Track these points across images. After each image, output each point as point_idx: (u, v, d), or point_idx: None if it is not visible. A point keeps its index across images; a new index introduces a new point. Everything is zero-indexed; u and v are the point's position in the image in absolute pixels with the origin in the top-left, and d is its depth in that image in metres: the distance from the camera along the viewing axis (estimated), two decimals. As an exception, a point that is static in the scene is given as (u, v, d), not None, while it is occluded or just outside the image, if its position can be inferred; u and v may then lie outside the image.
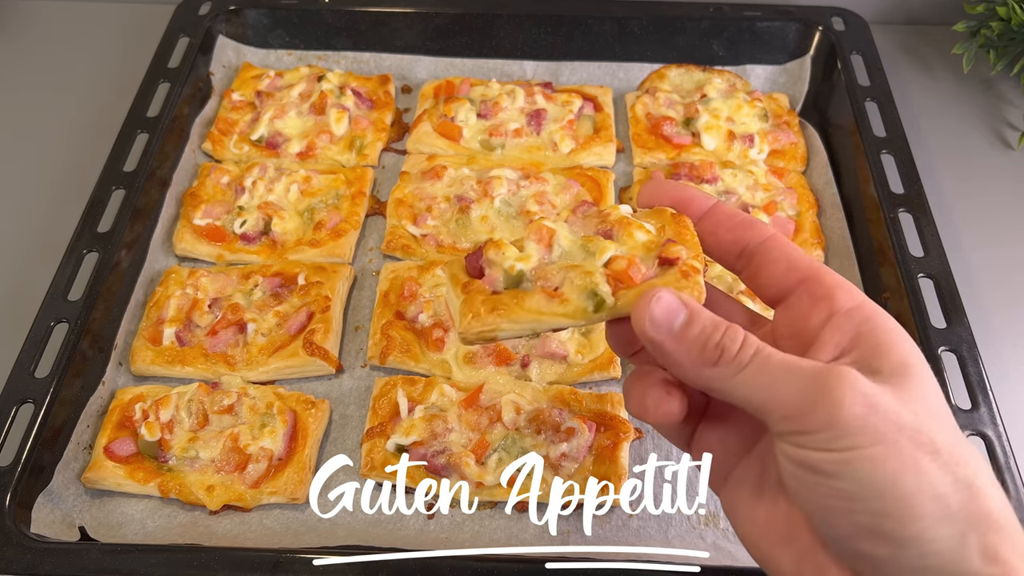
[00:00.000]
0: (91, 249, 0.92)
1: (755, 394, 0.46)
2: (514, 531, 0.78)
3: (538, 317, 0.51)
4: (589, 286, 0.51)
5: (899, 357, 0.46)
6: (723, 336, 0.47)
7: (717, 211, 0.56)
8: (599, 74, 1.20)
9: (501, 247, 0.55)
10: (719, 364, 0.47)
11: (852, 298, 0.50)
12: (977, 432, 0.77)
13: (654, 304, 0.48)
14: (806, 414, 0.44)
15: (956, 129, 1.19)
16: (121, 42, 1.31)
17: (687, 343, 0.48)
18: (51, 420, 0.80)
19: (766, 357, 0.46)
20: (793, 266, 0.52)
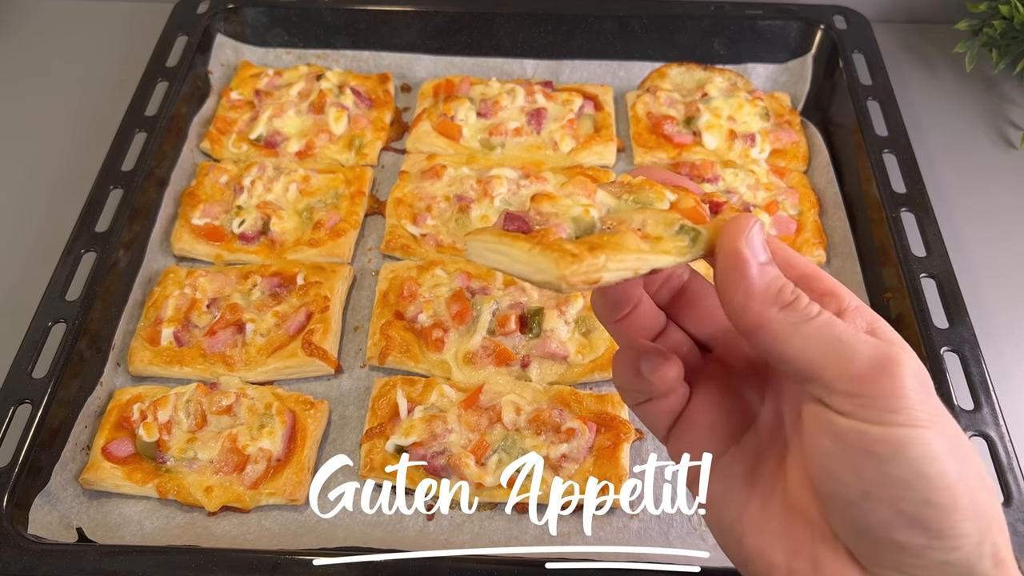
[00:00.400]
0: (89, 249, 0.92)
1: (814, 347, 0.44)
2: (514, 532, 0.78)
3: (643, 254, 0.47)
4: (676, 221, 0.49)
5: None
6: (794, 290, 0.46)
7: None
8: (600, 73, 1.20)
9: (554, 199, 0.50)
10: (790, 308, 0.45)
11: (853, 298, 0.49)
12: (980, 433, 0.77)
13: (753, 228, 0.47)
14: (873, 376, 0.42)
15: (958, 128, 1.19)
16: (119, 40, 1.31)
17: (768, 277, 0.46)
18: (49, 421, 0.80)
19: (832, 316, 0.45)
20: (789, 264, 0.51)
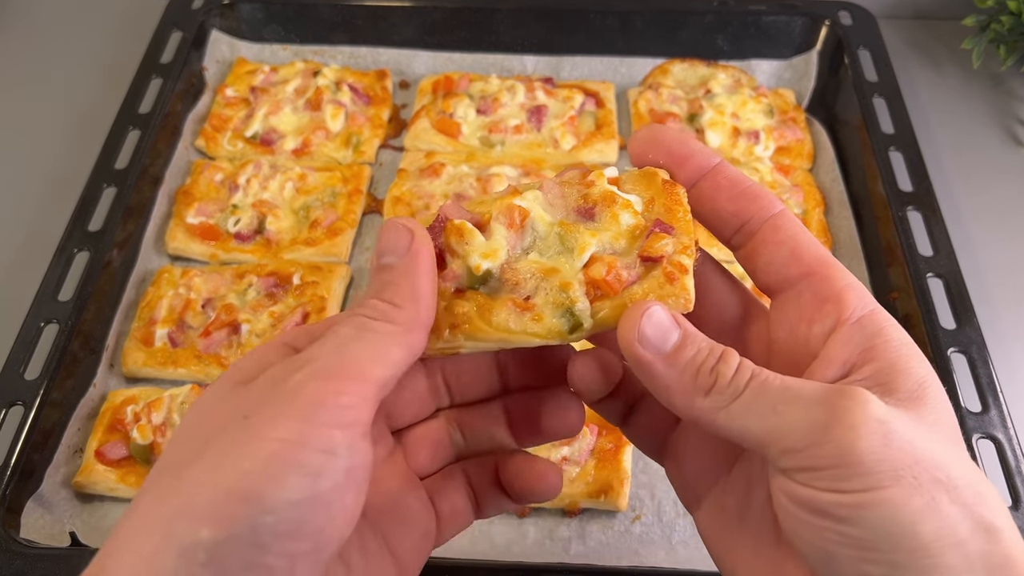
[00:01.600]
0: (82, 248, 0.92)
1: (753, 425, 0.40)
2: (514, 536, 0.78)
3: (507, 336, 0.45)
4: (565, 303, 0.45)
5: (917, 377, 0.41)
6: (718, 361, 0.42)
7: (719, 174, 0.48)
8: (601, 69, 1.20)
9: (464, 234, 0.46)
10: (712, 392, 0.41)
11: (863, 304, 0.44)
12: (987, 435, 0.77)
13: (645, 321, 0.42)
14: (813, 447, 0.38)
15: (965, 126, 1.19)
16: (112, 37, 1.31)
17: (679, 367, 0.42)
18: (41, 423, 0.80)
19: (763, 382, 0.40)
20: (798, 255, 0.46)
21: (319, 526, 0.38)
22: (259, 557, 0.36)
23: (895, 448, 0.37)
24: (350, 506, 0.39)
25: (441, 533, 0.52)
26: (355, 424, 0.39)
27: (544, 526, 0.79)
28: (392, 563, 0.48)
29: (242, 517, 0.36)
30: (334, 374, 0.39)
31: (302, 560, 0.37)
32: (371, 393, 0.40)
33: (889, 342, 0.42)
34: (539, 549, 0.77)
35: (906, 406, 0.40)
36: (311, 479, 0.37)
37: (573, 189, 0.49)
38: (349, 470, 0.38)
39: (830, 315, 0.44)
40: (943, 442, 0.39)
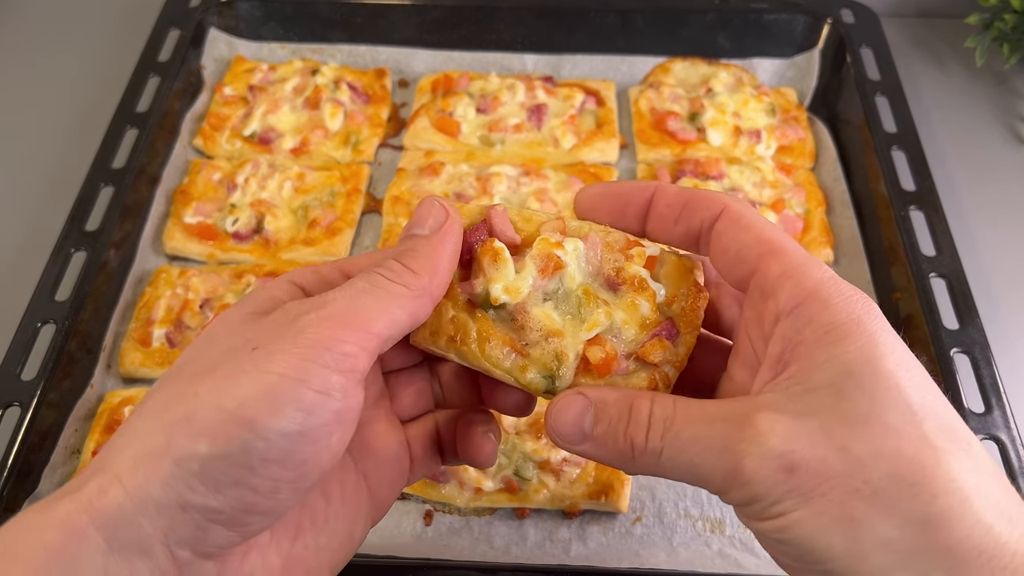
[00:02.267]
0: (79, 248, 0.92)
1: (684, 476, 0.42)
2: (514, 538, 0.79)
3: (491, 369, 0.48)
4: (552, 370, 0.48)
5: (840, 367, 0.40)
6: (628, 424, 0.43)
7: (658, 202, 0.49)
8: (602, 68, 1.20)
9: (497, 260, 0.48)
10: (635, 456, 0.43)
11: (798, 292, 0.42)
12: (991, 436, 0.77)
13: (554, 418, 0.45)
14: (729, 492, 0.41)
15: (969, 124, 1.19)
16: (109, 34, 1.31)
17: (601, 444, 0.44)
18: (38, 424, 0.80)
19: (676, 436, 0.42)
20: (741, 257, 0.45)
21: (304, 458, 0.41)
22: (247, 477, 0.39)
23: (800, 474, 0.38)
24: (335, 445, 0.42)
25: (413, 474, 0.55)
26: (352, 371, 0.41)
27: (544, 527, 0.79)
28: (367, 498, 0.51)
29: (237, 438, 0.39)
30: (342, 321, 0.42)
31: (285, 486, 0.41)
32: (372, 345, 0.42)
33: (817, 332, 0.41)
34: (539, 551, 0.78)
35: (828, 406, 0.39)
36: (304, 415, 0.40)
37: (613, 254, 0.50)
38: (340, 411, 0.41)
39: (771, 313, 0.43)
40: (863, 441, 0.38)
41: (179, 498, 0.39)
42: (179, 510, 0.39)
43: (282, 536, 0.46)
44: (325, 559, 0.48)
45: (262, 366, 0.40)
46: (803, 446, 0.39)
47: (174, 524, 0.39)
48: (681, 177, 1.03)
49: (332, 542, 0.49)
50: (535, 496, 0.79)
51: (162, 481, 0.39)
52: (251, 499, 0.40)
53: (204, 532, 0.40)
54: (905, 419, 0.39)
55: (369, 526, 0.52)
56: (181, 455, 0.39)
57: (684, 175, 1.04)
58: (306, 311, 0.42)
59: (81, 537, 0.38)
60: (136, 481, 0.39)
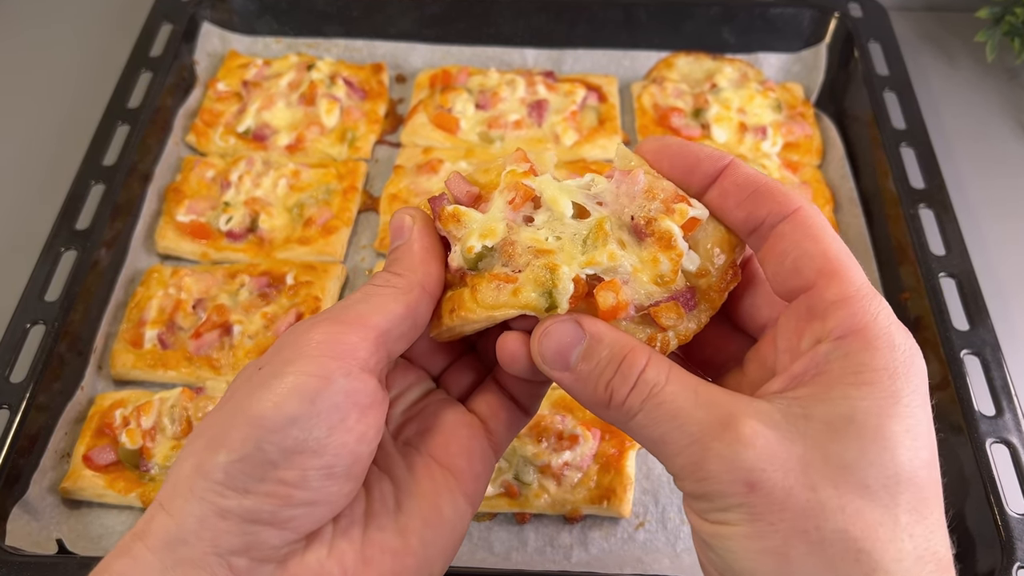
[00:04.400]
0: (69, 247, 0.92)
1: (648, 444, 0.44)
2: (514, 544, 0.79)
3: (491, 312, 0.47)
4: (547, 284, 0.46)
5: (846, 410, 0.40)
6: (615, 374, 0.44)
7: (728, 177, 0.48)
8: (604, 63, 1.20)
9: (459, 218, 0.50)
10: (609, 408, 0.44)
11: (850, 323, 0.42)
12: (1002, 440, 0.77)
13: (542, 338, 0.46)
14: (687, 479, 0.42)
15: (979, 121, 1.19)
16: (100, 29, 1.31)
17: (581, 380, 0.45)
18: (27, 427, 0.80)
19: (657, 405, 0.42)
20: (799, 266, 0.44)
21: (322, 441, 0.44)
22: (271, 471, 0.43)
23: (759, 494, 0.39)
24: (356, 425, 0.45)
25: (495, 435, 0.56)
26: (351, 357, 0.45)
27: (545, 533, 0.79)
28: (440, 470, 0.53)
29: (250, 438, 0.43)
30: (336, 321, 0.46)
31: (314, 473, 0.44)
32: (370, 336, 0.46)
33: (846, 368, 0.41)
34: (540, 556, 0.78)
35: (816, 441, 0.40)
36: (309, 401, 0.43)
37: (652, 203, 0.48)
38: (348, 393, 0.44)
39: (815, 332, 0.43)
40: (842, 491, 0.38)
41: (214, 507, 0.43)
42: (219, 519, 0.43)
43: (348, 525, 0.48)
44: (414, 540, 0.50)
45: (269, 374, 0.44)
46: (775, 469, 0.39)
47: (218, 533, 0.43)
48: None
49: (414, 521, 0.50)
50: (536, 501, 0.79)
51: (196, 497, 0.43)
52: (283, 492, 0.43)
53: (253, 536, 0.43)
54: (884, 484, 0.39)
55: (462, 503, 0.53)
56: (205, 468, 0.43)
57: (688, 172, 1.04)
58: (303, 325, 0.47)
59: (136, 560, 0.43)
60: (176, 504, 0.43)
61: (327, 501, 0.45)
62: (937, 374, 0.83)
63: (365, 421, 0.46)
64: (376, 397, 0.47)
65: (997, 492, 0.73)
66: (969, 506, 0.75)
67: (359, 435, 0.45)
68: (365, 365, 0.46)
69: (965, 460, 0.77)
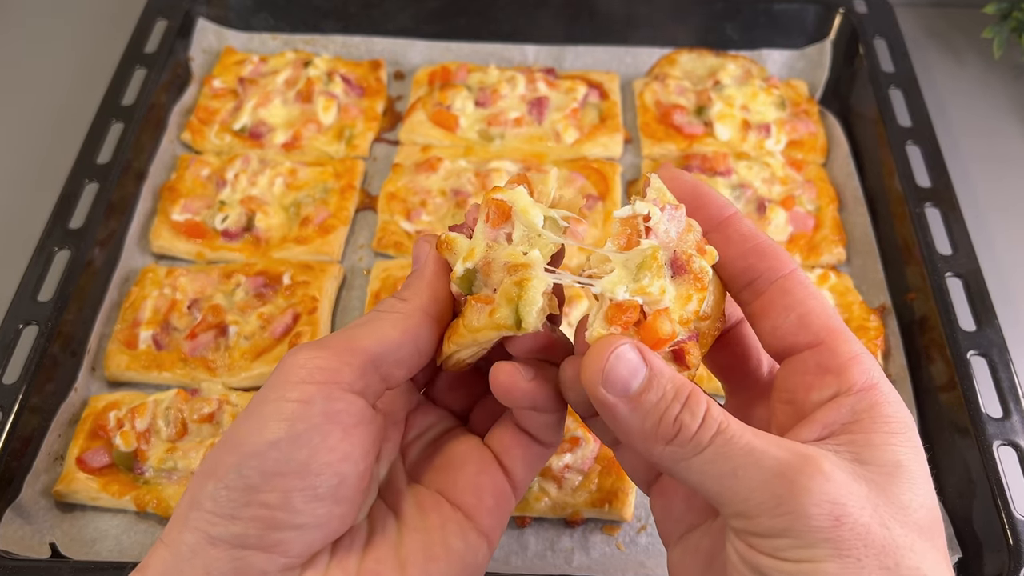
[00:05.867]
0: (62, 246, 0.92)
1: (711, 482, 0.43)
2: (514, 548, 0.78)
3: (475, 336, 0.48)
4: (513, 296, 0.46)
5: (892, 456, 0.43)
6: (682, 409, 0.43)
7: (730, 226, 0.50)
8: (605, 59, 1.20)
9: (451, 245, 0.51)
10: (674, 443, 0.43)
11: (866, 379, 0.46)
12: (1009, 442, 0.77)
13: (615, 360, 0.43)
14: (764, 516, 0.41)
15: (986, 118, 1.19)
16: (94, 25, 1.31)
17: (642, 411, 0.43)
18: (19, 429, 0.80)
19: (728, 440, 0.42)
20: (806, 322, 0.47)
21: (302, 461, 0.45)
22: (253, 496, 0.44)
23: (845, 529, 0.40)
24: (336, 444, 0.46)
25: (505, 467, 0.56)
26: (332, 381, 0.46)
27: (545, 536, 0.79)
28: (449, 505, 0.54)
29: (232, 466, 0.45)
30: (322, 347, 0.47)
31: (297, 494, 0.45)
32: (356, 361, 0.47)
33: (876, 418, 0.44)
34: (540, 561, 0.78)
35: (875, 482, 0.42)
36: (288, 423, 0.45)
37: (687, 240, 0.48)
38: (329, 414, 0.46)
39: (830, 386, 0.46)
40: (903, 527, 0.41)
41: (204, 536, 0.44)
42: (209, 546, 0.44)
43: (345, 555, 0.49)
44: (414, 573, 0.50)
45: (255, 403, 0.47)
46: (853, 505, 0.40)
47: (210, 560, 0.44)
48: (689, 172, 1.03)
49: (416, 555, 0.50)
50: (536, 504, 0.79)
51: (190, 527, 0.45)
52: (267, 515, 0.44)
53: (241, 561, 0.45)
54: (930, 525, 0.43)
55: (474, 537, 0.53)
56: (198, 499, 0.45)
57: (690, 171, 1.03)
58: (292, 352, 0.48)
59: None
60: (172, 536, 0.46)
61: (316, 524, 0.46)
62: (943, 375, 0.83)
63: (349, 441, 0.46)
64: (363, 417, 0.47)
65: (1004, 495, 0.73)
66: (976, 509, 0.75)
67: (343, 454, 0.46)
68: (350, 388, 0.47)
69: (972, 463, 0.77)
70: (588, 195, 1.02)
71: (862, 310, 0.92)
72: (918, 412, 0.85)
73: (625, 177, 1.08)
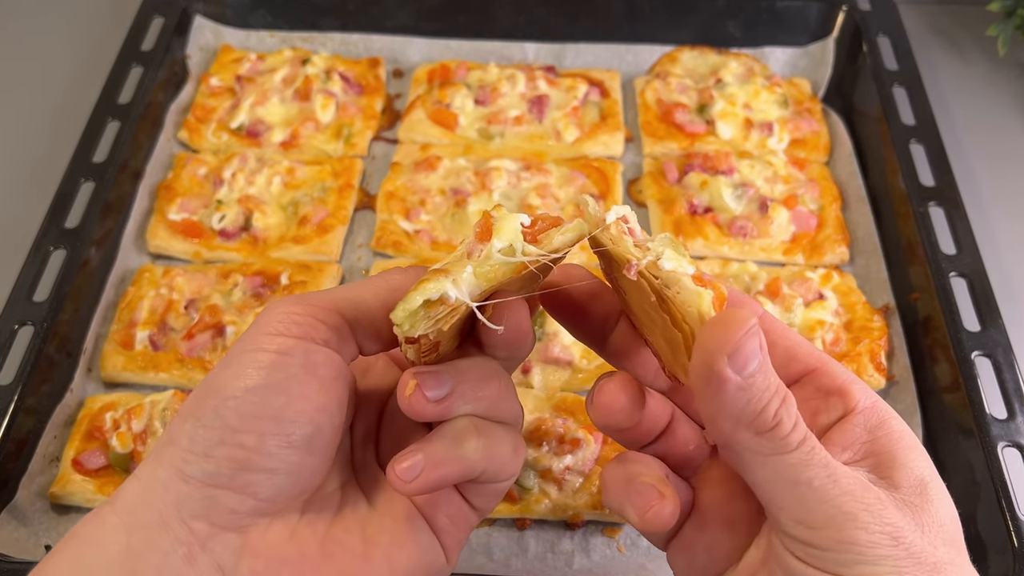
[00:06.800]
0: (58, 246, 0.92)
1: (782, 485, 0.43)
2: (514, 550, 0.78)
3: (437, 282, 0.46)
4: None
5: (918, 473, 0.46)
6: (782, 405, 0.43)
7: None
8: (606, 57, 1.20)
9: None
10: (766, 436, 0.43)
11: (866, 396, 0.48)
12: (1014, 443, 0.77)
13: (748, 337, 0.41)
14: (830, 529, 0.42)
15: (991, 116, 1.19)
16: (90, 23, 1.31)
17: (748, 394, 0.42)
18: (15, 431, 0.80)
19: (811, 449, 0.43)
20: (794, 353, 0.50)
21: (279, 407, 0.46)
22: (229, 435, 0.46)
23: (902, 549, 0.42)
24: (313, 395, 0.47)
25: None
26: (309, 336, 0.47)
27: (545, 539, 0.79)
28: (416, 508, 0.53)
29: (210, 406, 0.46)
30: (299, 301, 0.49)
31: (271, 438, 0.46)
32: (333, 320, 0.49)
33: (891, 434, 0.47)
34: (540, 563, 0.78)
35: (911, 503, 0.44)
36: (266, 371, 0.46)
37: None
38: (307, 366, 0.47)
39: (836, 407, 0.49)
40: (942, 543, 0.44)
41: (178, 472, 0.46)
42: (182, 483, 0.46)
43: (317, 518, 0.50)
44: (378, 554, 0.51)
45: (233, 352, 0.48)
46: (906, 527, 0.43)
47: (181, 497, 0.45)
48: (689, 172, 1.03)
49: (383, 537, 0.51)
50: (536, 506, 0.79)
51: (164, 463, 0.46)
52: (241, 455, 0.45)
53: (212, 500, 0.46)
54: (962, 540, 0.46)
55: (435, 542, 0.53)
56: (175, 437, 0.47)
57: (692, 170, 1.04)
58: (273, 304, 0.49)
59: (102, 524, 0.46)
60: (145, 471, 0.47)
61: (287, 471, 0.47)
62: (947, 376, 0.83)
63: (326, 393, 0.48)
64: (340, 372, 0.49)
65: (1009, 497, 0.73)
66: (980, 511, 0.75)
67: (319, 405, 0.47)
68: (326, 341, 0.48)
69: (976, 464, 0.77)
70: (589, 194, 1.02)
71: (865, 310, 0.92)
72: (922, 413, 0.85)
73: (626, 176, 1.08)
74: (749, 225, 0.99)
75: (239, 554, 0.47)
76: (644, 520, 0.48)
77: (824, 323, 0.90)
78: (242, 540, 0.47)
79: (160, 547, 0.45)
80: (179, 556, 0.45)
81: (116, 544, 0.45)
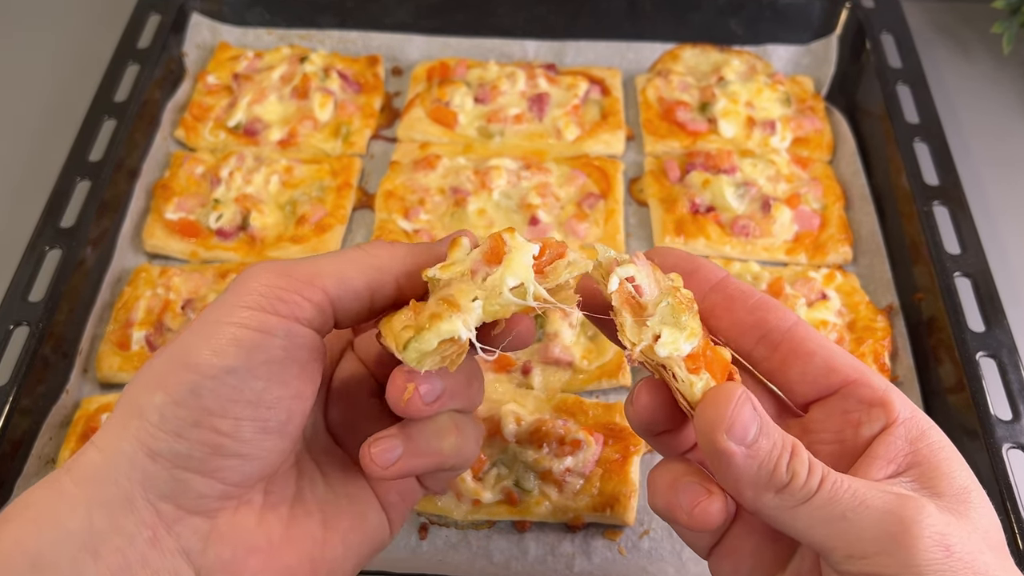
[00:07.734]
0: (53, 245, 0.92)
1: (819, 527, 0.44)
2: (514, 553, 0.78)
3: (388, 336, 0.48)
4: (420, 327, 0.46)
5: (960, 483, 0.46)
6: (792, 457, 0.45)
7: (729, 285, 0.53)
8: (607, 54, 1.20)
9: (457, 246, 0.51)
10: (785, 491, 0.44)
11: (906, 407, 0.49)
12: (1018, 444, 0.77)
13: (739, 409, 0.44)
14: (880, 555, 0.43)
15: (995, 115, 1.19)
16: (86, 20, 1.31)
17: (757, 459, 0.44)
18: (10, 432, 0.80)
19: (833, 486, 0.44)
20: (832, 364, 0.50)
21: (257, 392, 0.45)
22: (206, 418, 0.44)
23: (955, 559, 0.42)
24: (291, 380, 0.46)
25: None
26: (291, 315, 0.46)
27: (546, 541, 0.79)
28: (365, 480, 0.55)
29: (186, 382, 0.44)
30: (284, 274, 0.47)
31: (247, 424, 0.45)
32: (315, 297, 0.47)
33: (932, 445, 0.48)
34: (541, 566, 0.78)
35: (956, 512, 0.45)
36: (246, 351, 0.45)
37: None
38: (288, 349, 0.46)
39: (878, 418, 0.49)
40: (989, 549, 0.44)
41: (145, 448, 0.44)
42: (149, 460, 0.44)
43: (279, 500, 0.50)
44: (336, 538, 0.51)
45: (210, 318, 0.46)
46: (956, 536, 0.43)
47: (148, 476, 0.44)
48: (691, 171, 1.03)
49: (341, 521, 0.52)
50: (536, 508, 0.79)
51: (129, 435, 0.44)
52: (215, 440, 0.44)
53: (180, 483, 0.45)
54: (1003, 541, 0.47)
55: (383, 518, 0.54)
56: (143, 408, 0.44)
57: (694, 168, 1.04)
58: (254, 269, 0.48)
59: (61, 494, 0.43)
60: (107, 440, 0.45)
61: (258, 456, 0.46)
62: (952, 377, 0.83)
63: (303, 378, 0.47)
64: (318, 354, 0.48)
65: (1014, 498, 0.73)
66: (985, 514, 0.75)
67: (296, 391, 0.47)
68: (310, 322, 0.47)
69: (981, 466, 0.77)
70: (590, 193, 1.02)
71: (869, 310, 0.92)
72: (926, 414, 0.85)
73: (627, 175, 1.08)
74: (751, 224, 0.99)
75: (206, 540, 0.46)
76: (692, 516, 0.48)
77: (827, 323, 0.90)
78: (209, 525, 0.46)
79: (124, 528, 0.43)
80: (143, 539, 0.44)
81: (76, 520, 0.43)
